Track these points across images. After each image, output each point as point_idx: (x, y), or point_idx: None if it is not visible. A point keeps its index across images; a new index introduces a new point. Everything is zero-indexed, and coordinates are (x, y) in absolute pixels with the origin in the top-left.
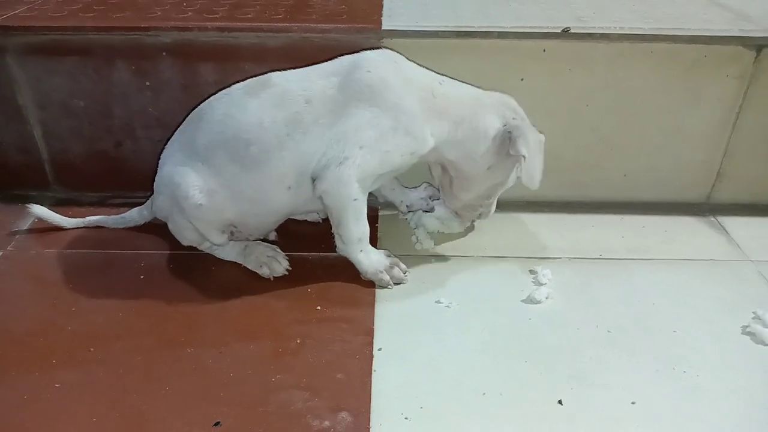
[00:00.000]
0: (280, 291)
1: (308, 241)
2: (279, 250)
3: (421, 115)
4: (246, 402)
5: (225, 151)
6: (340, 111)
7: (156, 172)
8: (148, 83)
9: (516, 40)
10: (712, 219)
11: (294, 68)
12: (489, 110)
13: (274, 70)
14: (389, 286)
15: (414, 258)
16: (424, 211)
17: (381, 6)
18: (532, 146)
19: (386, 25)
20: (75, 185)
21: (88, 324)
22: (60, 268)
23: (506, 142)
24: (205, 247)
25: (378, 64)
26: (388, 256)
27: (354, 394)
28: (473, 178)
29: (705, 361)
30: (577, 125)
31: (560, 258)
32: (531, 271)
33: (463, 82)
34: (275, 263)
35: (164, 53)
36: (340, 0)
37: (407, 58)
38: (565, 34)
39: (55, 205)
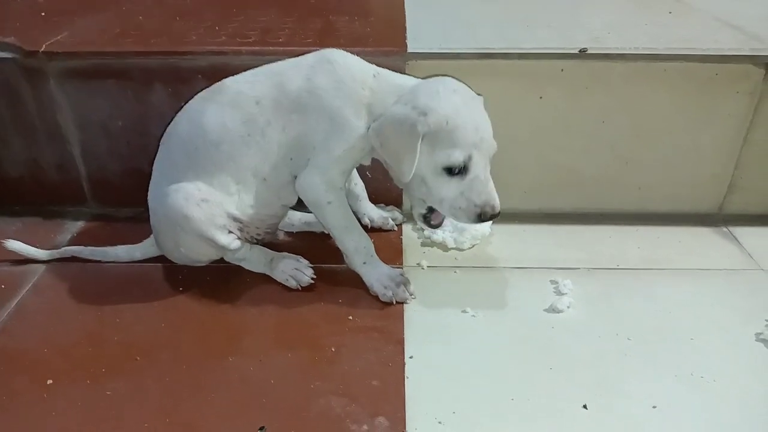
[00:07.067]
0: (313, 302)
1: (337, 254)
2: (303, 260)
3: (350, 109)
4: (288, 408)
5: (199, 155)
6: (286, 116)
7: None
8: (183, 104)
9: (535, 61)
10: (725, 229)
11: None
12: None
13: None
14: (392, 303)
15: (438, 269)
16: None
17: (404, 29)
18: (394, 141)
19: (411, 47)
20: (111, 201)
21: (132, 335)
22: (101, 281)
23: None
24: (229, 258)
25: (315, 72)
26: (401, 274)
27: (389, 400)
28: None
29: (721, 367)
30: (594, 141)
31: (579, 269)
32: (552, 282)
33: (404, 74)
34: (300, 274)
35: (200, 76)
36: (365, 23)
37: (346, 52)
38: (583, 54)
39: (90, 220)
